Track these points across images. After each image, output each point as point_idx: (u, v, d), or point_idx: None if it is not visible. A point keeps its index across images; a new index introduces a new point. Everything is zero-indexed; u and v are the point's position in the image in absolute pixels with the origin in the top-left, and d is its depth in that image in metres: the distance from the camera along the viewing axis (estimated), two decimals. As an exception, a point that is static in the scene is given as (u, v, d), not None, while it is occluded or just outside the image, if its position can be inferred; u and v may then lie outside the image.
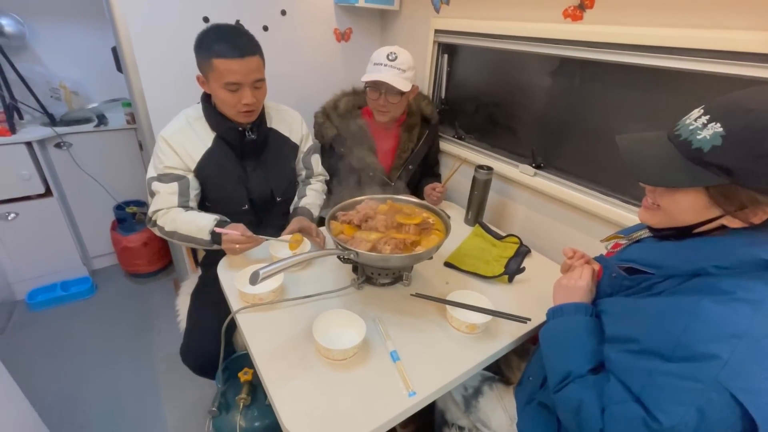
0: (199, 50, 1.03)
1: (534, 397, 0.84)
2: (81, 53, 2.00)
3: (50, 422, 1.11)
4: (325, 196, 1.40)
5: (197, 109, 1.14)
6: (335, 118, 1.46)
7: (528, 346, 1.10)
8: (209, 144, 1.13)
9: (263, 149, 1.21)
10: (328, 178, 1.45)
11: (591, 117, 1.19)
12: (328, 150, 1.48)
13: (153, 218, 1.10)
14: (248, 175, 1.20)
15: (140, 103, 1.39)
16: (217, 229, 1.03)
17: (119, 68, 1.38)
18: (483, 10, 1.36)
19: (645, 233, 0.77)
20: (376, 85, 1.32)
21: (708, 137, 0.54)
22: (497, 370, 1.07)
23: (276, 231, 1.13)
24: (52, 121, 1.85)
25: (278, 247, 1.10)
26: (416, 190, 1.57)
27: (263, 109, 1.19)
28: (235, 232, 1.01)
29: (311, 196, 1.33)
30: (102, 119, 1.96)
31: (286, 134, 1.28)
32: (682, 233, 0.64)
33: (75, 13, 1.92)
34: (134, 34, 1.27)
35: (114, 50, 1.36)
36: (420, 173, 1.58)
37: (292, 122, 1.30)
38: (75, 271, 2.07)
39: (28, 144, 1.73)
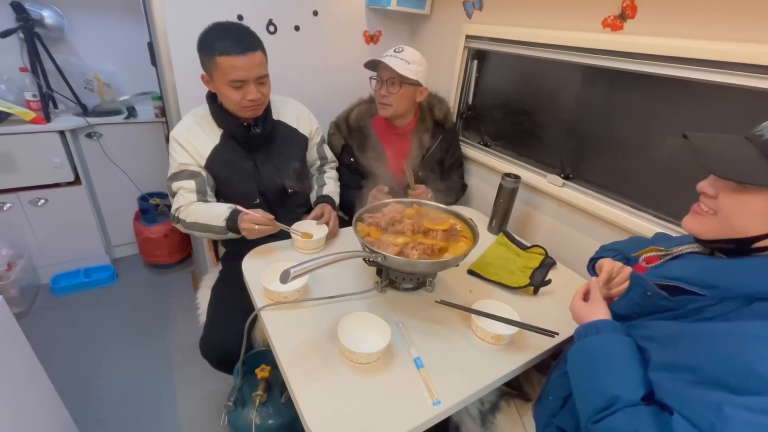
0: (202, 49, 1.04)
1: (552, 421, 0.79)
2: (115, 47, 2.05)
3: (68, 403, 1.13)
4: (339, 187, 1.41)
5: (205, 108, 1.17)
6: (344, 128, 1.48)
7: (548, 362, 1.08)
8: (217, 141, 1.15)
9: (272, 142, 1.22)
10: (337, 163, 1.48)
11: (623, 129, 1.16)
12: (340, 156, 1.49)
13: (176, 215, 1.14)
14: (258, 168, 1.20)
15: (172, 97, 1.41)
16: (239, 207, 1.06)
17: (153, 62, 1.40)
18: (517, 17, 1.34)
19: (687, 248, 0.69)
20: (376, 69, 1.32)
21: None
22: (517, 385, 1.04)
23: (290, 223, 1.14)
24: (85, 111, 1.90)
25: (294, 235, 1.12)
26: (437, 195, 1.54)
27: (269, 102, 1.20)
28: (255, 212, 1.04)
29: (331, 185, 1.35)
30: (132, 111, 2.01)
31: (294, 125, 1.28)
32: (739, 247, 0.59)
33: (112, 7, 1.97)
34: (171, 30, 1.30)
35: (150, 45, 1.38)
36: (435, 179, 1.53)
37: (299, 114, 1.31)
38: (97, 259, 2.12)
39: (61, 133, 1.77)
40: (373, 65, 1.33)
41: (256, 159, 1.21)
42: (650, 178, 1.12)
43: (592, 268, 0.90)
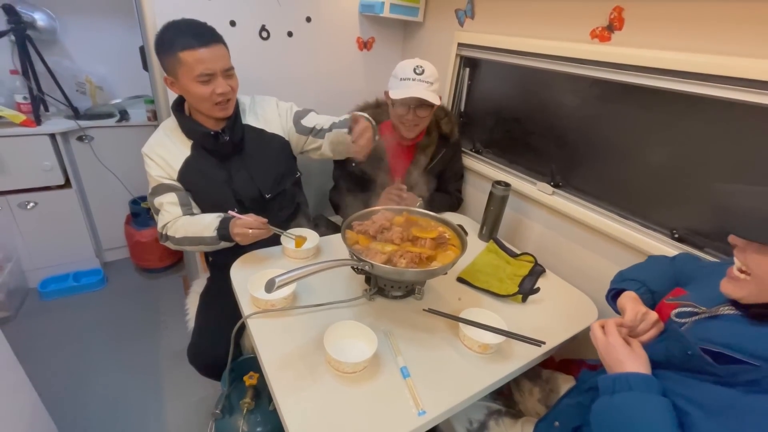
0: (162, 48, 1.02)
1: None
2: (108, 50, 2.04)
3: (52, 411, 1.11)
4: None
5: (173, 120, 1.14)
6: None
7: (539, 370, 1.08)
8: (188, 152, 1.12)
9: (243, 148, 1.19)
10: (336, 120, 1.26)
11: (613, 138, 1.18)
12: (342, 162, 1.47)
13: (164, 232, 1.11)
14: (232, 177, 1.17)
15: (163, 101, 1.41)
16: (232, 212, 1.03)
17: (145, 67, 1.40)
18: (508, 26, 1.36)
19: (728, 309, 0.62)
20: (406, 101, 1.29)
21: None
22: (507, 393, 1.04)
23: (277, 227, 1.10)
24: (76, 114, 1.89)
25: (287, 242, 1.11)
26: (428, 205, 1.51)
27: (237, 106, 1.17)
28: (248, 217, 1.02)
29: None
30: (124, 115, 2.00)
31: (262, 127, 1.23)
32: None
33: (105, 10, 1.97)
34: (163, 34, 1.29)
35: (141, 49, 1.38)
36: (430, 190, 1.50)
37: (264, 112, 1.24)
38: (87, 263, 2.10)
39: (52, 136, 1.76)
40: (405, 101, 1.28)
41: (230, 167, 1.17)
42: (639, 187, 1.13)
43: (611, 299, 0.84)
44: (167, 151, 1.11)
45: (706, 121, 0.97)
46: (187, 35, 0.99)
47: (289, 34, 1.54)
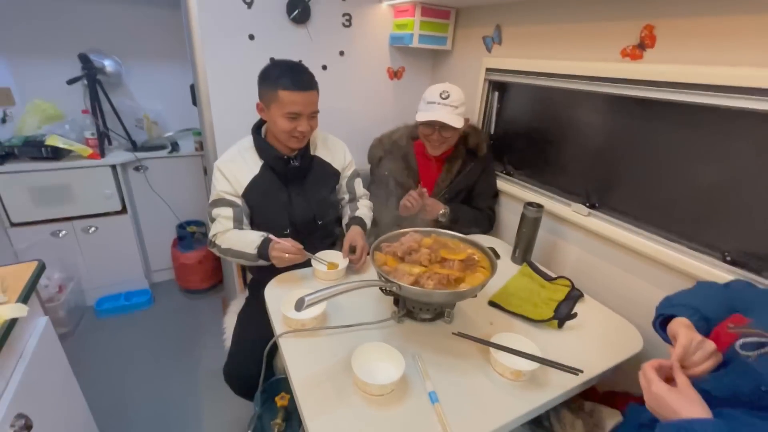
0: (265, 81, 1.14)
1: None
2: (163, 89, 2.27)
3: (100, 425, 1.18)
4: (372, 215, 1.43)
5: (249, 140, 1.25)
6: (387, 142, 1.55)
7: (581, 402, 1.02)
8: (256, 171, 1.22)
9: (306, 175, 1.29)
10: (369, 196, 1.50)
11: (649, 156, 1.13)
12: (374, 171, 1.55)
13: (213, 240, 1.20)
14: (292, 200, 1.26)
15: (209, 132, 1.53)
16: (271, 237, 1.10)
17: (194, 102, 1.54)
18: (536, 50, 1.37)
19: None
20: (431, 123, 1.36)
21: None
22: (548, 425, 0.98)
23: (315, 253, 1.17)
24: (134, 146, 2.09)
25: (319, 266, 1.15)
26: (452, 223, 1.48)
27: (310, 138, 1.27)
28: (286, 242, 1.08)
29: (363, 210, 1.39)
30: (175, 146, 2.19)
31: (329, 161, 1.35)
32: None
33: (163, 55, 2.20)
34: (210, 72, 1.43)
35: (192, 87, 1.53)
36: (460, 204, 1.54)
37: (335, 150, 1.37)
38: (137, 283, 2.25)
39: (113, 167, 1.95)
40: (430, 123, 1.37)
41: (291, 191, 1.27)
42: (684, 207, 1.07)
43: (660, 326, 0.78)
44: (238, 167, 1.21)
45: (752, 135, 0.91)
46: (289, 78, 1.10)
47: (324, 67, 1.64)
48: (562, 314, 1.05)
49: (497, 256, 1.34)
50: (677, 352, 0.64)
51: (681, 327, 0.68)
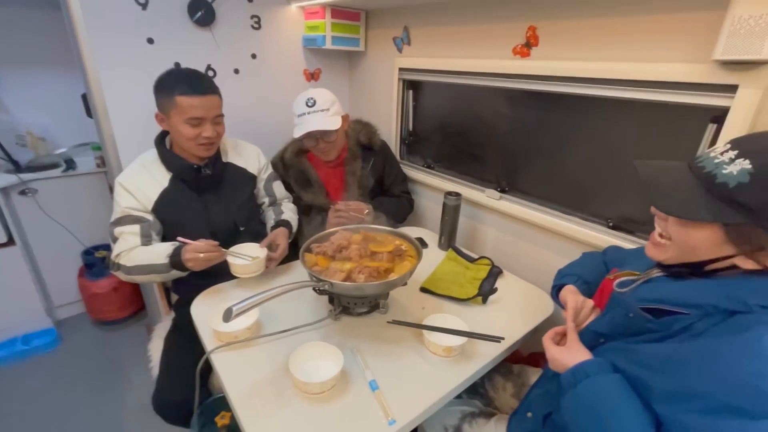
0: (161, 89, 1.09)
1: None
2: (49, 100, 1.99)
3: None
4: (297, 217, 1.42)
5: (153, 153, 1.19)
6: (280, 167, 1.50)
7: (510, 366, 1.12)
8: (165, 184, 1.16)
9: (221, 182, 1.26)
10: (291, 199, 1.49)
11: (546, 142, 1.28)
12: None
13: (116, 261, 1.11)
14: (208, 208, 1.22)
15: (110, 147, 1.39)
16: (180, 239, 1.06)
17: (89, 114, 1.39)
18: (441, 49, 1.47)
19: (657, 271, 0.69)
20: (309, 135, 1.34)
21: (734, 173, 0.52)
22: (482, 391, 1.07)
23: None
24: (17, 168, 1.81)
25: (236, 260, 1.10)
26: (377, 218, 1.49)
27: (220, 145, 1.24)
28: (198, 242, 1.04)
29: (288, 213, 1.38)
30: (70, 164, 1.94)
31: (243, 166, 1.32)
32: (695, 270, 0.61)
33: (43, 61, 1.93)
34: (105, 80, 1.30)
35: (84, 97, 1.37)
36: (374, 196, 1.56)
37: (247, 155, 1.35)
38: (38, 323, 1.96)
39: (-10, 192, 1.68)
40: (309, 135, 1.34)
41: (206, 199, 1.22)
42: (574, 184, 1.24)
43: (555, 296, 0.91)
44: (144, 181, 1.14)
45: (623, 118, 1.09)
46: (186, 83, 1.07)
47: (236, 71, 1.59)
48: (485, 291, 1.14)
49: (425, 245, 1.42)
50: (570, 315, 0.77)
51: (568, 294, 0.83)
